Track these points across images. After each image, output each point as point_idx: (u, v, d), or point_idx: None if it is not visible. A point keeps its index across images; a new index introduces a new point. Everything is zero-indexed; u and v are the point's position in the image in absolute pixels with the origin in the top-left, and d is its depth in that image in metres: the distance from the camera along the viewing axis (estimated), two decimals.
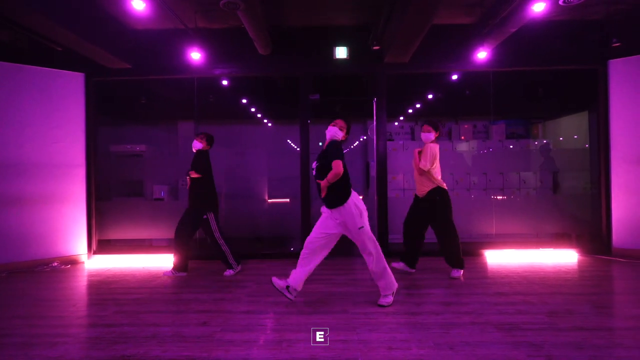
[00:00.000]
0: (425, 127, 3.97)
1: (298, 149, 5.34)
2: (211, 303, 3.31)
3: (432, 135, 3.93)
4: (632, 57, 4.85)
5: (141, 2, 3.40)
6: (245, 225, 6.40)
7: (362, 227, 3.03)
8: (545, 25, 4.82)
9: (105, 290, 3.77)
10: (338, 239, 3.21)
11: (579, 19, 4.89)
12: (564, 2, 3.16)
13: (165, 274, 4.23)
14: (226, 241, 4.23)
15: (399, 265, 4.21)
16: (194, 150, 4.32)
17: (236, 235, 6.06)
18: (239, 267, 4.28)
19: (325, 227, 3.13)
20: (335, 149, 3.04)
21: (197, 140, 4.32)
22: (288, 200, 6.54)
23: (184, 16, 4.61)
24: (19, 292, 3.76)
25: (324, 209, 3.18)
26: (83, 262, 4.97)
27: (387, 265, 3.13)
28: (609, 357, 2.29)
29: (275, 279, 3.13)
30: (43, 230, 4.78)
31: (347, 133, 3.22)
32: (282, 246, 5.68)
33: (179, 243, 4.17)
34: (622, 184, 4.96)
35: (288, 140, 7.23)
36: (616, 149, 5.00)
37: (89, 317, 3.04)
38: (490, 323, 2.79)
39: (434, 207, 3.94)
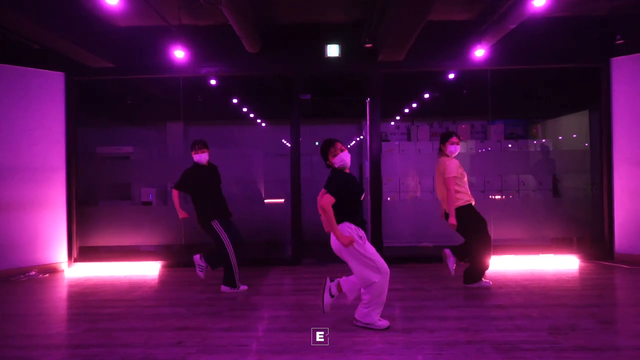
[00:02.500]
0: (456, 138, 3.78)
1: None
2: (190, 319, 3.10)
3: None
4: (636, 54, 4.65)
5: None
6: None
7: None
8: (547, 21, 4.62)
9: (80, 303, 3.57)
10: None
11: (581, 15, 4.69)
12: None
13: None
14: None
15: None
16: (207, 164, 3.89)
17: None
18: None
19: None
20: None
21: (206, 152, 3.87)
22: (283, 200, 6.32)
23: (167, 12, 4.39)
24: None
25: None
26: (63, 271, 4.76)
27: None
28: None
29: None
30: (20, 237, 4.56)
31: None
32: (274, 251, 5.47)
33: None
34: (625, 187, 4.76)
35: (283, 140, 7.01)
36: (619, 151, 4.80)
37: (57, 336, 2.83)
38: (487, 342, 2.59)
39: None
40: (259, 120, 7.43)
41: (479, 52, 4.48)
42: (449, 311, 3.20)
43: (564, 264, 4.68)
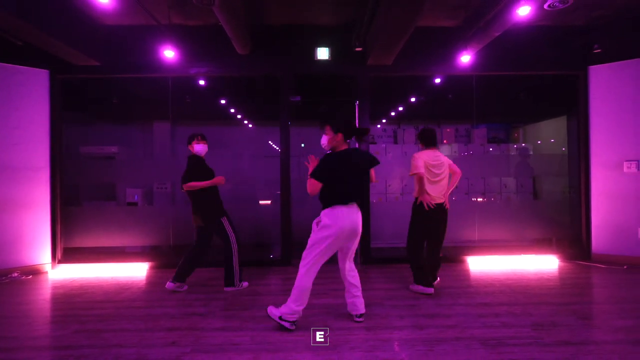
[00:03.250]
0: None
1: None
2: (182, 319, 3.09)
3: None
4: (612, 63, 4.87)
5: None
6: None
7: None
8: (528, 30, 4.79)
9: (67, 304, 3.50)
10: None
11: (561, 24, 4.89)
12: (549, 6, 3.10)
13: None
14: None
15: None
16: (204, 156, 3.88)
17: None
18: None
19: None
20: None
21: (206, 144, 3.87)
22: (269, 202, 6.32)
23: (157, 11, 4.36)
24: None
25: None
26: (46, 272, 4.65)
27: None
28: None
29: None
30: (2, 238, 4.44)
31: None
32: (264, 252, 5.48)
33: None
34: (602, 190, 4.98)
35: (270, 142, 7.02)
36: (596, 155, 5.02)
37: (45, 338, 2.78)
38: (475, 338, 2.68)
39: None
40: (247, 122, 7.42)
41: (465, 58, 4.61)
42: (437, 309, 3.28)
43: (544, 264, 4.85)
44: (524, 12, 3.35)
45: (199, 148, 3.81)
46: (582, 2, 4.16)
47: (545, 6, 3.15)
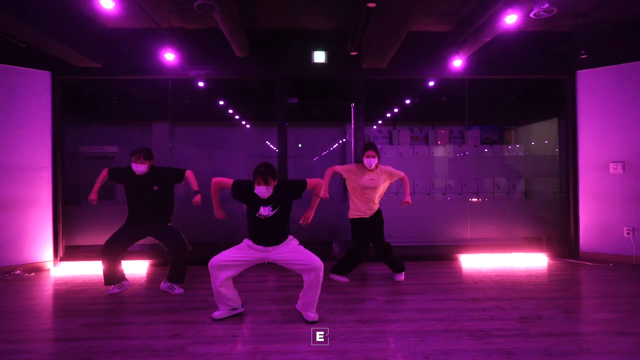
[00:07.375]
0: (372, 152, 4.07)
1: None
2: (184, 313, 3.21)
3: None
4: (599, 68, 5.04)
5: (110, 1, 3.25)
6: (220, 230, 6.27)
7: None
8: (518, 35, 4.95)
9: (72, 300, 3.61)
10: None
11: (549, 30, 5.05)
12: (535, 15, 3.25)
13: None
14: None
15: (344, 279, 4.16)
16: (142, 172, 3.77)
17: (212, 241, 5.93)
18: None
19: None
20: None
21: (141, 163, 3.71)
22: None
23: (158, 15, 4.48)
24: None
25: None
26: (49, 270, 4.74)
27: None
28: None
29: None
30: (5, 236, 4.53)
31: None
32: None
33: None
34: (589, 190, 5.15)
35: (267, 142, 7.14)
36: (583, 156, 5.19)
37: (53, 331, 2.89)
38: (464, 330, 2.83)
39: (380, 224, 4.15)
40: (244, 122, 7.54)
41: (457, 63, 4.76)
42: (428, 304, 3.42)
43: (534, 262, 5.01)
44: (511, 20, 3.51)
45: (134, 167, 3.73)
46: (568, 11, 4.33)
47: (531, 15, 3.30)
